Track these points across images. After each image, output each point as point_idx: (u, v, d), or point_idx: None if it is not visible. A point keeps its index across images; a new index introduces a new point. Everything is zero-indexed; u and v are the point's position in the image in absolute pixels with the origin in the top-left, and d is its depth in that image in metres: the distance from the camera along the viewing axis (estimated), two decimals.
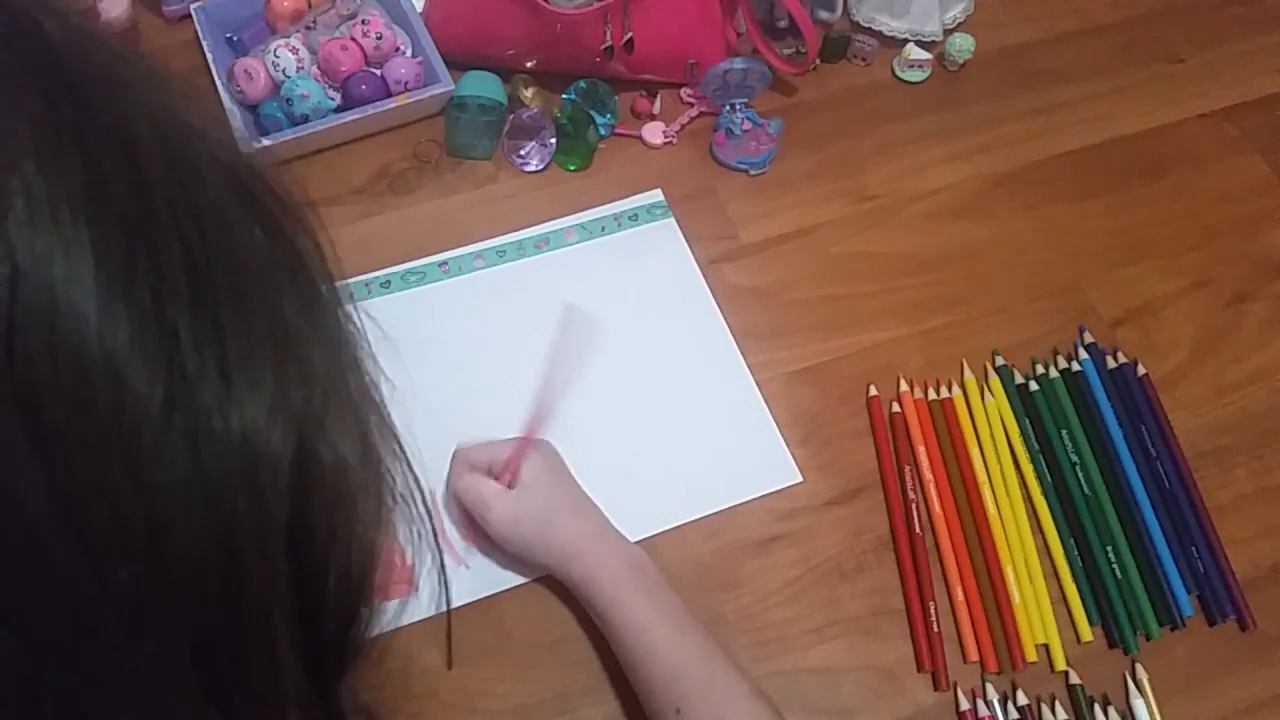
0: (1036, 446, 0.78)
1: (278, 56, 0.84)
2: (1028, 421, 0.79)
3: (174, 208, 0.26)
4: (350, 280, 0.81)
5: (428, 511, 0.36)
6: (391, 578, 0.37)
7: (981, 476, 0.76)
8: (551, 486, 0.69)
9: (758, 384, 0.79)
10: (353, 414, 0.31)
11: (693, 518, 0.74)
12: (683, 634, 0.63)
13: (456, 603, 0.70)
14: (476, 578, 0.71)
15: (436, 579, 0.71)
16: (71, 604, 0.24)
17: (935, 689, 0.69)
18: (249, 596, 0.27)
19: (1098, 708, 0.69)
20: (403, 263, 0.83)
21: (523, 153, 0.88)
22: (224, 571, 0.27)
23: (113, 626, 0.25)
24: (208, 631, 0.27)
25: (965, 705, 0.68)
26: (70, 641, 0.25)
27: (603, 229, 0.86)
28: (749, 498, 0.75)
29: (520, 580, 0.71)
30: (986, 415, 0.79)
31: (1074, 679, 0.70)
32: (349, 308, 0.33)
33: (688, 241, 0.85)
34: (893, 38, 0.97)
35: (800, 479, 0.76)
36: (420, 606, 0.69)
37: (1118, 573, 0.73)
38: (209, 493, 0.26)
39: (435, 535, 0.38)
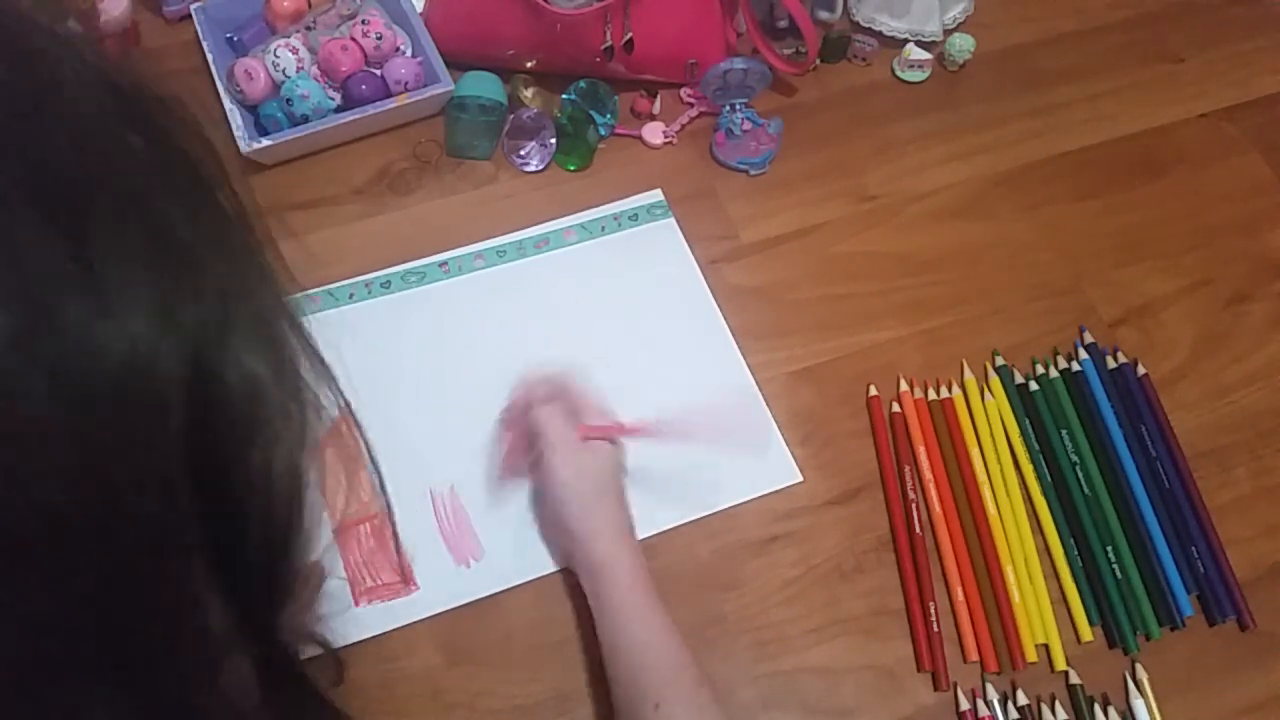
0: (1036, 446, 0.78)
1: (278, 56, 0.84)
2: (1028, 421, 0.79)
3: (19, 120, 0.24)
4: (351, 280, 0.81)
5: (362, 434, 0.34)
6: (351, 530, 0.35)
7: (981, 476, 0.76)
8: (614, 470, 0.69)
9: (758, 384, 0.79)
10: (263, 329, 0.28)
11: (693, 518, 0.74)
12: (683, 645, 0.63)
13: (457, 602, 0.70)
14: (477, 577, 0.71)
15: (437, 578, 0.72)
16: None
17: (935, 689, 0.69)
18: (150, 536, 0.25)
19: (1098, 707, 0.69)
20: (403, 263, 0.83)
21: (523, 153, 0.88)
22: (113, 511, 0.25)
23: None
24: (101, 580, 0.25)
25: (965, 705, 0.68)
26: None
27: (603, 229, 0.86)
28: (749, 498, 0.75)
29: (521, 580, 0.71)
30: (986, 415, 0.79)
31: (1074, 679, 0.70)
32: (259, 222, 0.31)
33: (688, 241, 0.85)
34: (893, 38, 0.97)
35: (800, 479, 0.76)
36: (420, 606, 0.69)
37: (1118, 573, 0.73)
38: (82, 426, 0.24)
39: (376, 462, 0.36)
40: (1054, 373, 0.81)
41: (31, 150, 0.24)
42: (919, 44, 0.96)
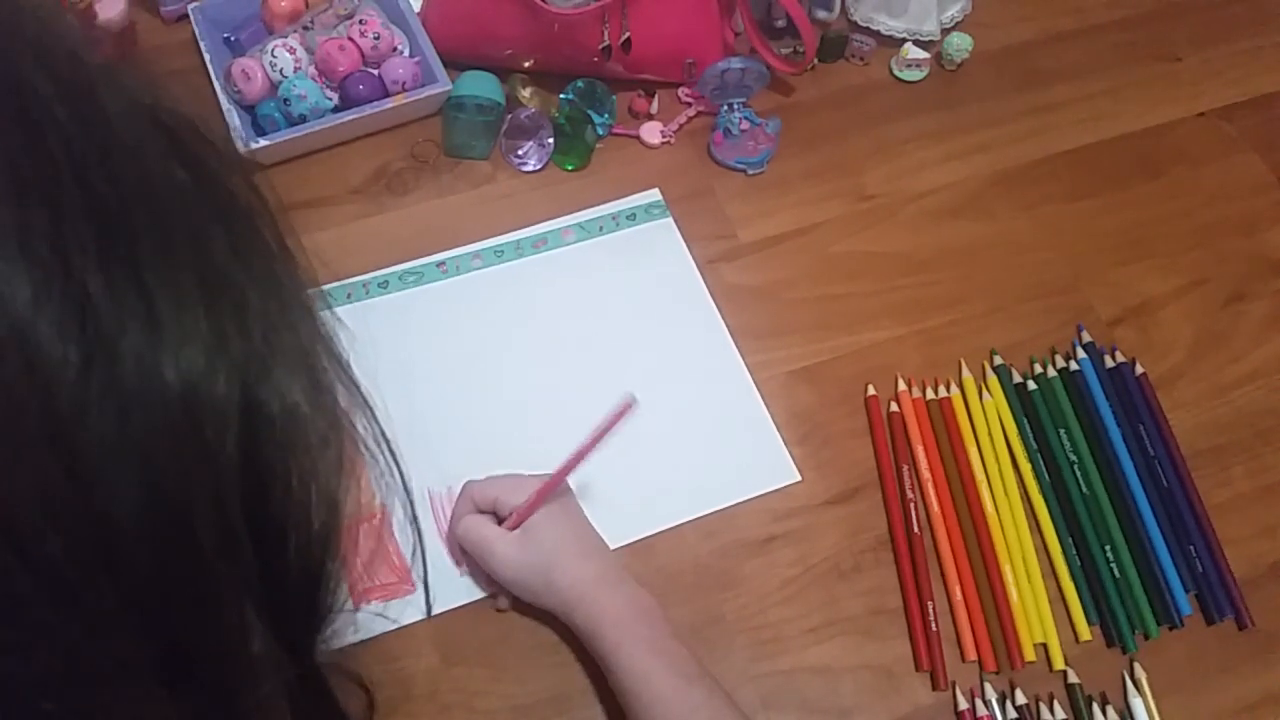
0: (1035, 446, 0.78)
1: (275, 56, 0.84)
2: (1026, 421, 0.79)
3: (75, 155, 0.25)
4: (348, 280, 0.81)
5: (397, 465, 0.35)
6: (365, 548, 0.36)
7: (980, 476, 0.76)
8: (557, 530, 0.67)
9: (756, 383, 0.79)
10: (302, 360, 0.29)
11: (691, 517, 0.74)
12: (689, 684, 0.61)
13: (456, 602, 0.70)
14: (476, 577, 0.71)
15: (434, 579, 0.72)
16: None
17: (934, 688, 0.69)
18: (206, 559, 0.26)
19: (1096, 707, 0.69)
20: (400, 263, 0.82)
21: (520, 152, 0.88)
22: (173, 534, 0.26)
23: (33, 598, 0.24)
24: (159, 600, 0.26)
25: (964, 705, 0.68)
26: None
27: (601, 229, 0.86)
28: (747, 497, 0.75)
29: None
30: (985, 415, 0.79)
31: (1072, 678, 0.70)
32: (301, 259, 0.32)
33: (686, 241, 0.85)
34: (890, 37, 0.97)
35: (798, 478, 0.76)
36: (418, 607, 0.69)
37: (1116, 572, 0.73)
38: (147, 452, 0.25)
39: (409, 494, 0.36)
40: (1052, 372, 0.81)
41: (86, 186, 0.25)
42: (917, 43, 0.96)
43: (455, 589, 0.70)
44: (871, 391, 0.79)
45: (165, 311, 0.25)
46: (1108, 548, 0.74)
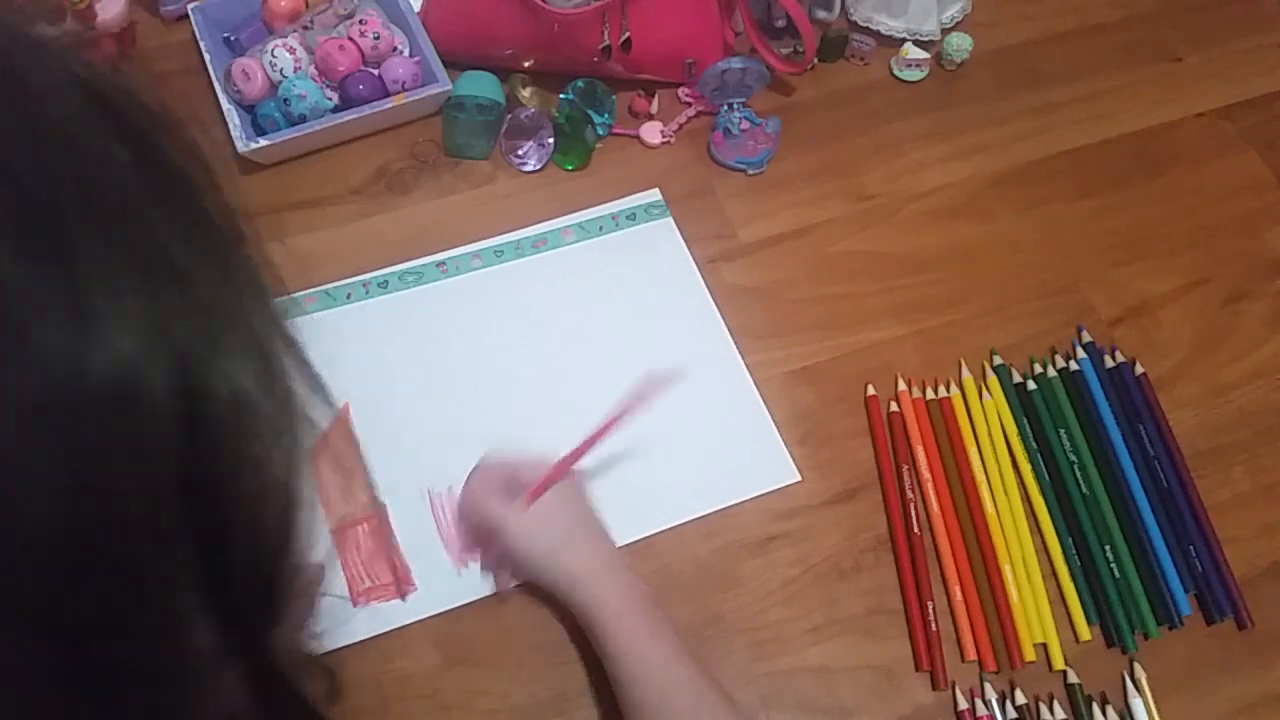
0: (1035, 446, 0.78)
1: (275, 56, 0.84)
2: (1026, 421, 0.79)
3: None
4: (348, 280, 0.81)
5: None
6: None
7: (980, 476, 0.76)
8: (568, 512, 0.68)
9: (756, 383, 0.79)
10: (254, 346, 0.28)
11: (691, 517, 0.74)
12: (679, 665, 0.62)
13: (456, 603, 0.70)
14: (474, 578, 0.71)
15: (436, 579, 0.72)
16: None
17: (933, 688, 0.69)
18: (140, 555, 0.25)
19: (1096, 707, 0.69)
20: (400, 263, 0.82)
21: (520, 152, 0.88)
22: (101, 531, 0.24)
23: None
24: (84, 606, 0.25)
25: (963, 704, 0.68)
26: None
27: (601, 229, 0.86)
28: (747, 497, 0.75)
29: (519, 580, 0.71)
30: (984, 415, 0.79)
31: (1072, 678, 0.70)
32: (254, 240, 0.30)
33: (686, 241, 0.85)
34: (890, 37, 0.97)
35: (798, 478, 0.76)
36: (418, 607, 0.69)
37: (1116, 572, 0.73)
38: (70, 444, 0.23)
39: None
40: (1052, 372, 0.81)
41: (13, 156, 0.24)
42: (916, 43, 0.96)
43: (456, 589, 0.70)
44: (871, 391, 0.79)
45: (95, 296, 0.24)
46: (1108, 548, 0.74)
